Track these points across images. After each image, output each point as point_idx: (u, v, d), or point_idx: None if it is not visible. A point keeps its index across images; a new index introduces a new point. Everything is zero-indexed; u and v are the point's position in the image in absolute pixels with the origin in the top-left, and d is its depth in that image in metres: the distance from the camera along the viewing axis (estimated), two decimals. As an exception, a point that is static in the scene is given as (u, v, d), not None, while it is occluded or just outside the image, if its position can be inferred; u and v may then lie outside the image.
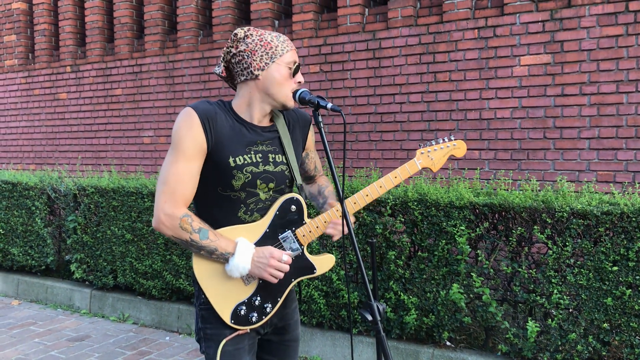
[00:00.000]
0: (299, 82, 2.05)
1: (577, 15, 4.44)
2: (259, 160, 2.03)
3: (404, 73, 5.19)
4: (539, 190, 3.80)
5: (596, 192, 3.71)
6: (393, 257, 3.88)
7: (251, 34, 2.01)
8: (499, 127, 4.76)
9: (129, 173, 6.93)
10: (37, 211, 5.92)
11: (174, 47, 6.67)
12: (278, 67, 1.99)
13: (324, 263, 2.14)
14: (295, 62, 2.03)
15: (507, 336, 3.64)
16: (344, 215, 1.92)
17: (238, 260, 1.92)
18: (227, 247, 1.94)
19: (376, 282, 2.05)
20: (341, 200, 1.90)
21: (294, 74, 2.03)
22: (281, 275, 1.98)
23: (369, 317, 1.79)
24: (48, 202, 5.94)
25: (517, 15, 4.66)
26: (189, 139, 1.91)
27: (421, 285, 3.84)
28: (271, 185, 2.06)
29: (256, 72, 1.99)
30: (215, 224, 1.98)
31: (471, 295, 3.75)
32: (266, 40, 1.99)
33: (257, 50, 1.99)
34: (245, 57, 2.00)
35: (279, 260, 1.96)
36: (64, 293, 5.79)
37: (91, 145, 7.36)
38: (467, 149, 4.86)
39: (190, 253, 4.86)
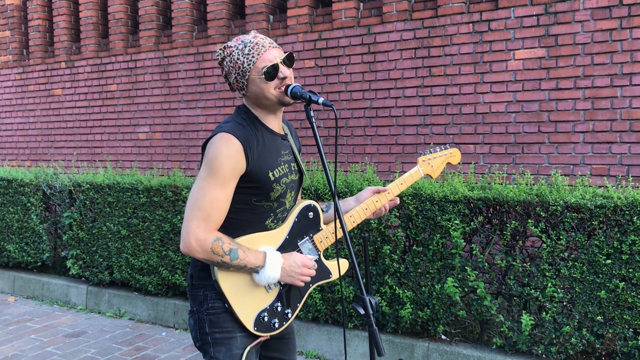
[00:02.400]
0: (283, 78, 2.00)
1: (571, 9, 4.44)
2: (287, 170, 2.10)
3: (399, 68, 5.19)
4: (533, 184, 3.81)
5: (590, 186, 3.73)
6: (388, 251, 3.89)
7: (224, 56, 2.04)
8: (493, 121, 4.77)
9: (124, 169, 6.92)
10: (33, 207, 5.91)
11: (169, 43, 6.65)
12: (253, 81, 2.00)
13: (341, 267, 2.22)
14: (266, 65, 1.97)
15: (501, 329, 3.66)
16: (337, 211, 1.93)
17: (269, 271, 1.99)
18: (256, 260, 1.98)
19: (369, 276, 2.06)
20: (333, 195, 1.91)
21: (272, 76, 1.98)
22: (309, 280, 2.08)
23: (361, 311, 1.80)
24: (43, 198, 5.94)
25: (512, 9, 4.65)
26: (230, 167, 1.92)
27: (416, 279, 3.86)
28: (293, 193, 2.15)
29: (241, 92, 2.06)
30: (240, 232, 2.03)
31: (466, 289, 3.76)
32: (234, 60, 2.00)
33: (231, 73, 2.04)
34: (229, 79, 2.08)
35: (309, 267, 2.07)
36: (60, 289, 5.80)
37: (86, 142, 7.34)
38: (462, 144, 4.89)
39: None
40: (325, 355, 4.25)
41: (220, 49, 2.06)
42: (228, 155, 1.91)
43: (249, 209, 2.03)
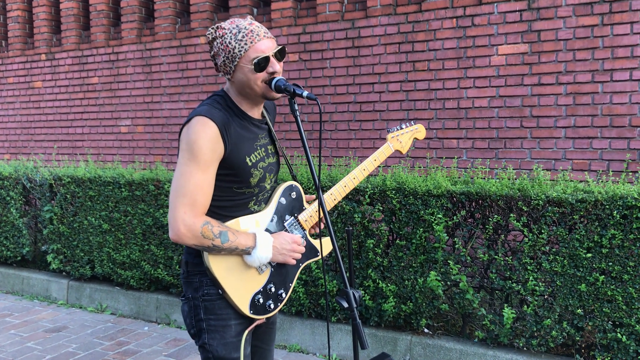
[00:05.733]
0: (272, 73, 1.97)
1: (553, 4, 4.47)
2: (264, 154, 2.10)
3: (383, 62, 5.19)
4: (515, 179, 3.84)
5: (571, 181, 3.76)
6: (371, 245, 3.90)
7: (216, 37, 2.00)
8: (476, 116, 4.79)
9: (105, 162, 6.85)
10: (12, 201, 5.83)
11: (152, 35, 6.59)
12: (241, 68, 1.97)
13: (324, 246, 2.25)
14: (258, 56, 1.94)
15: (483, 323, 3.69)
16: (321, 204, 1.92)
17: (260, 251, 1.99)
18: (246, 242, 1.99)
19: (352, 270, 2.07)
20: (317, 188, 1.90)
21: (262, 68, 1.95)
22: (300, 257, 2.11)
23: (345, 305, 1.80)
24: (23, 192, 5.86)
25: (495, 4, 4.68)
26: (209, 150, 1.90)
27: (399, 273, 3.87)
28: (272, 175, 2.16)
29: (227, 76, 2.03)
30: (224, 218, 2.02)
31: (448, 283, 3.78)
32: (225, 42, 1.96)
33: (220, 55, 2.00)
34: (216, 60, 2.04)
35: (299, 244, 2.10)
36: (40, 284, 5.73)
37: (67, 135, 7.25)
38: (445, 138, 4.91)
39: (168, 243, 4.82)
40: (308, 349, 4.25)
41: (213, 28, 2.01)
42: (206, 138, 1.89)
43: (231, 197, 2.02)
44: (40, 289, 5.72)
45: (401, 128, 2.57)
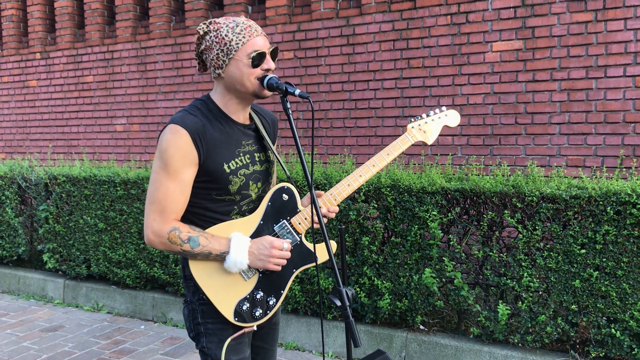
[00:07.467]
0: (267, 70, 1.96)
1: (547, 1, 4.47)
2: (248, 161, 2.04)
3: (377, 59, 5.19)
4: (510, 175, 3.85)
5: (566, 177, 3.77)
6: (367, 242, 3.90)
7: (210, 30, 1.97)
8: (471, 112, 4.80)
9: (101, 161, 6.84)
10: (8, 201, 5.82)
11: (146, 33, 6.57)
12: (236, 63, 1.94)
13: (324, 250, 2.12)
14: (256, 50, 1.93)
15: (478, 319, 3.70)
16: (313, 202, 1.92)
17: (234, 256, 1.93)
18: (220, 247, 1.94)
19: (345, 268, 2.06)
20: (310, 186, 1.90)
21: (257, 63, 1.94)
22: (284, 262, 2.00)
23: (338, 303, 1.80)
24: (19, 191, 5.85)
25: (489, 1, 4.68)
26: (179, 158, 1.88)
27: (394, 270, 3.88)
28: (259, 184, 2.08)
29: (217, 71, 1.98)
30: (207, 224, 1.99)
31: (443, 280, 3.79)
32: (221, 35, 1.94)
33: (213, 48, 1.96)
34: (207, 55, 2.00)
35: (280, 249, 1.98)
36: (36, 283, 5.72)
37: (62, 134, 7.24)
38: (440, 135, 4.90)
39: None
40: (304, 347, 4.26)
41: (205, 23, 1.98)
42: (176, 147, 1.88)
43: (211, 203, 1.99)
44: (37, 288, 5.72)
45: (428, 116, 2.32)
